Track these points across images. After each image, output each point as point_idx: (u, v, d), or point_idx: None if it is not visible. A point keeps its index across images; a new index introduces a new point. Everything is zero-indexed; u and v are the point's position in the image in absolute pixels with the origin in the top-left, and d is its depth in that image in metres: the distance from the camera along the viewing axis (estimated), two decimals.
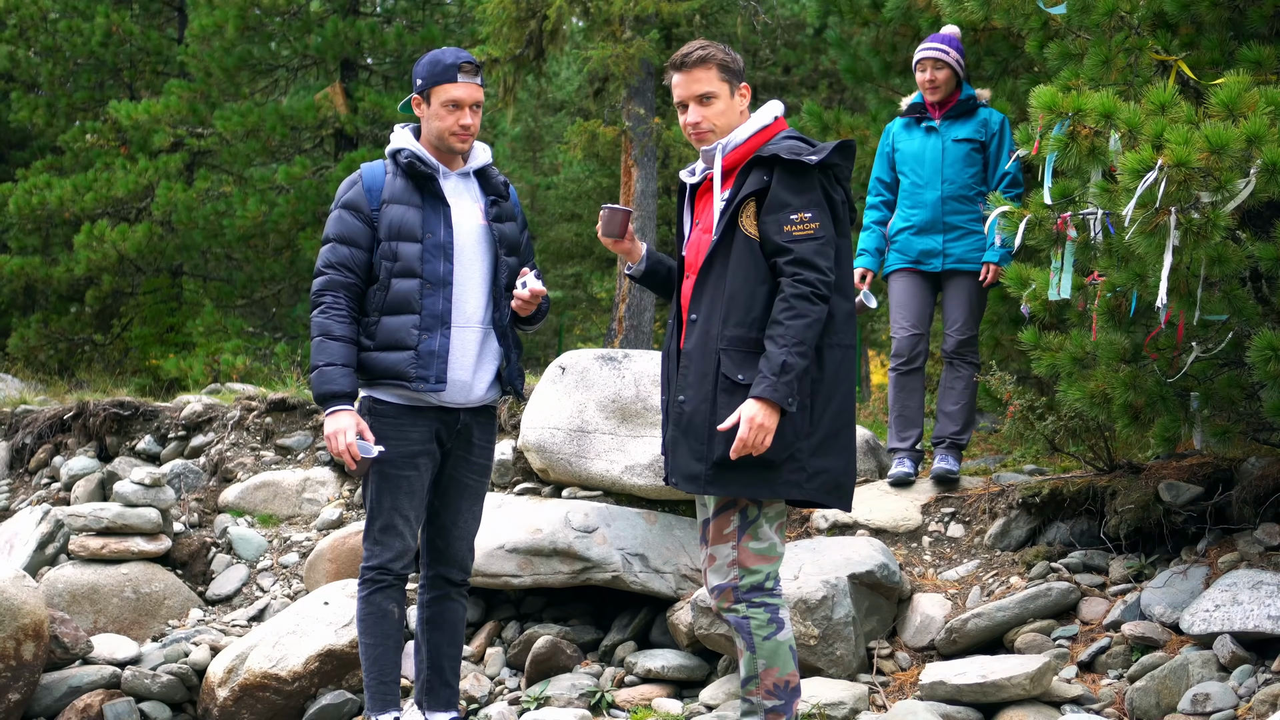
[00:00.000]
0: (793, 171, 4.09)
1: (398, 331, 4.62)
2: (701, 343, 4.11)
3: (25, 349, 16.88)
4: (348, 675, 6.16)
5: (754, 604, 4.12)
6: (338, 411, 4.52)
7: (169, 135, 16.10)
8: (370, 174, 4.75)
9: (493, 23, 13.11)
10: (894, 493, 6.69)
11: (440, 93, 4.68)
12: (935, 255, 6.68)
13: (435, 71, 4.68)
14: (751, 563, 4.13)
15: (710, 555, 4.18)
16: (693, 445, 4.08)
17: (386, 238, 4.64)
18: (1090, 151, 4.90)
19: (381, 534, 4.69)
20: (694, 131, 4.25)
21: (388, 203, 4.68)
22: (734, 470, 4.03)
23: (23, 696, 5.95)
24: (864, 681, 5.55)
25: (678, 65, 4.26)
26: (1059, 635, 5.47)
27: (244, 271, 17.51)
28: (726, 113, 4.22)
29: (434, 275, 4.66)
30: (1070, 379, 5.64)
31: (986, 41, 7.90)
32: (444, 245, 4.68)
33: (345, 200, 4.72)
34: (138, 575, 7.06)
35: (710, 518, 4.18)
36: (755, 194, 4.10)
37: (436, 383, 4.63)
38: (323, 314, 4.62)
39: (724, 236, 4.12)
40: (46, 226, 16.98)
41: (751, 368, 4.02)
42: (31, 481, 8.82)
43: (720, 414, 4.02)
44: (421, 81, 4.71)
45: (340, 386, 4.54)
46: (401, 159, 4.73)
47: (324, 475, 8.07)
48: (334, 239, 4.68)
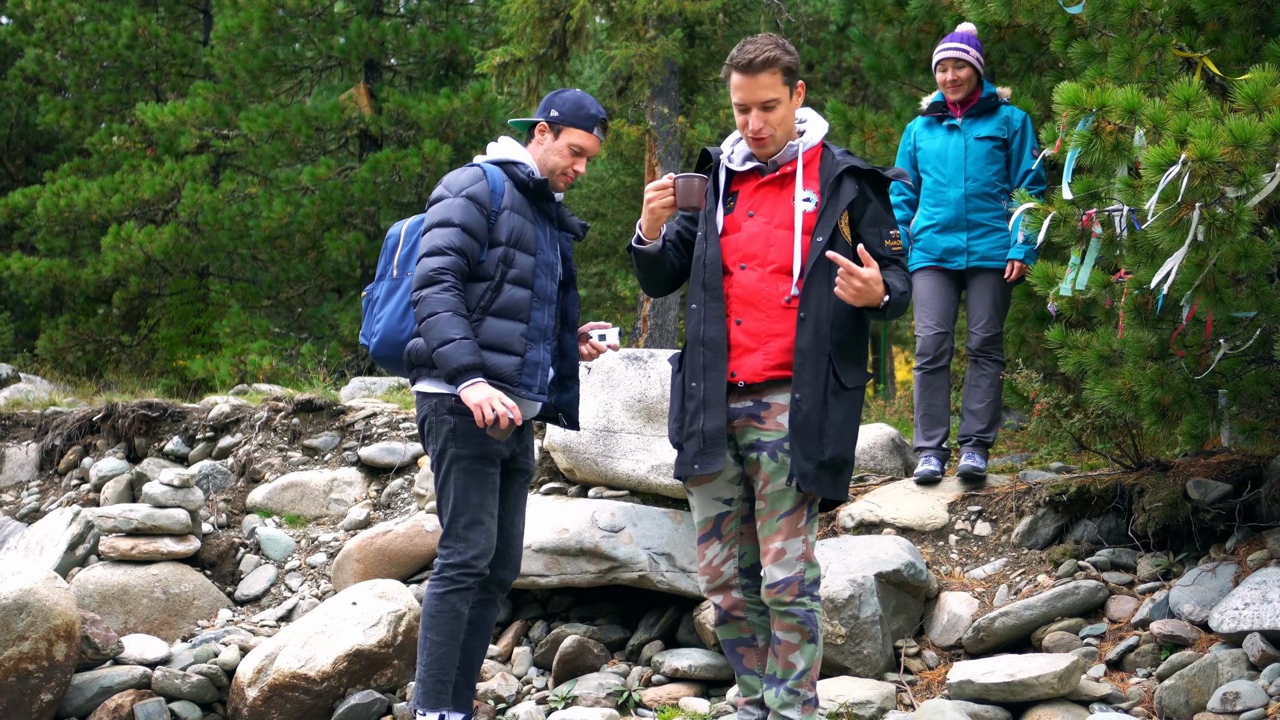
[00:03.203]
0: (884, 190, 4.35)
1: (505, 336, 4.68)
2: (814, 343, 4.21)
3: (53, 350, 16.98)
4: (376, 675, 6.19)
5: (815, 596, 4.28)
6: (477, 383, 4.53)
7: (195, 137, 16.17)
8: (493, 176, 4.78)
9: (516, 23, 13.13)
10: (920, 491, 6.68)
11: (572, 134, 4.80)
12: (959, 253, 6.67)
13: (578, 116, 4.79)
14: (812, 557, 4.28)
15: (780, 549, 4.23)
16: (805, 445, 4.19)
17: (507, 243, 4.71)
18: (1114, 147, 4.89)
19: (467, 530, 4.71)
20: (753, 137, 4.29)
21: (508, 209, 4.74)
22: (827, 470, 4.21)
23: (55, 697, 6.00)
24: (891, 680, 5.55)
25: (743, 67, 4.23)
26: (1087, 634, 5.46)
27: (269, 272, 17.57)
28: (787, 118, 4.29)
29: (543, 291, 4.80)
30: (1097, 376, 5.63)
31: (1011, 38, 7.88)
32: (551, 265, 4.83)
33: (472, 192, 4.73)
34: (167, 576, 7.10)
35: (786, 512, 4.24)
36: (851, 203, 4.26)
37: (539, 393, 4.76)
38: (446, 291, 4.59)
39: (827, 240, 4.22)
40: (74, 229, 17.07)
41: (854, 372, 4.26)
42: (61, 483, 8.88)
43: (831, 415, 4.20)
44: (558, 115, 4.80)
45: (476, 359, 4.54)
46: (522, 174, 4.80)
47: (351, 475, 8.11)
48: (460, 225, 4.67)
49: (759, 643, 4.48)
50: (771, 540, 4.26)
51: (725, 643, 4.54)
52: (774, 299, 4.27)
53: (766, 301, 4.27)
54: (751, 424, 4.29)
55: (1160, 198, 4.52)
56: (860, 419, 4.36)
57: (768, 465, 4.25)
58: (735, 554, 4.42)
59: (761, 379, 4.27)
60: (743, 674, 4.53)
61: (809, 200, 4.29)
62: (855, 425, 4.32)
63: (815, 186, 4.30)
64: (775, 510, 4.26)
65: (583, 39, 13.22)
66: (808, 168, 4.34)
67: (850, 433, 4.28)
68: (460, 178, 4.79)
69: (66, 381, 13.22)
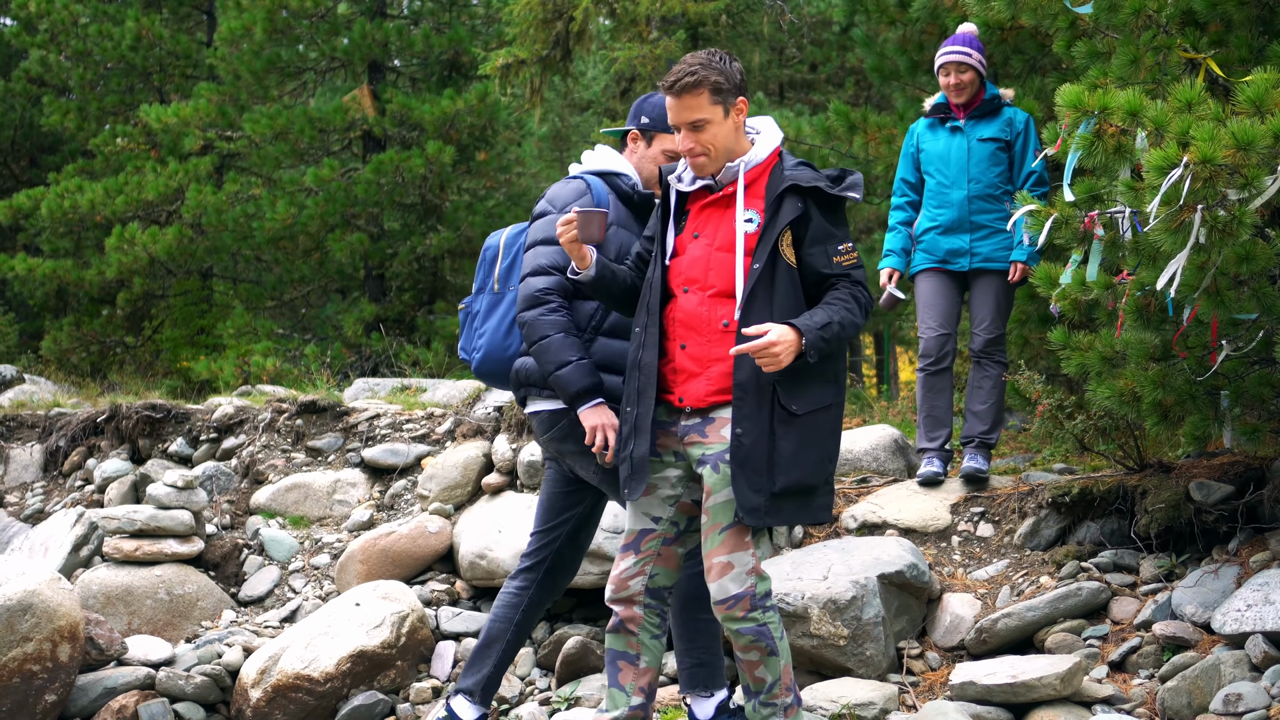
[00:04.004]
0: (832, 205, 4.19)
1: (618, 355, 4.58)
2: (754, 374, 4.09)
3: (57, 351, 17.00)
4: (379, 676, 6.21)
5: (768, 609, 4.20)
6: (598, 405, 4.46)
7: (199, 138, 16.19)
8: (598, 191, 4.68)
9: (519, 24, 13.13)
10: (923, 492, 6.69)
11: (665, 140, 4.69)
12: (962, 254, 6.68)
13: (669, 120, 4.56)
14: (761, 570, 4.21)
15: (727, 564, 4.14)
16: (751, 478, 4.08)
17: (615, 259, 4.56)
18: (1116, 149, 4.89)
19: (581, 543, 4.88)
20: (689, 156, 4.22)
21: (614, 225, 4.63)
22: (786, 499, 4.11)
23: (59, 698, 6.01)
24: (894, 681, 5.55)
25: (669, 88, 4.18)
26: (1089, 635, 5.46)
27: (273, 273, 17.59)
28: (722, 135, 4.19)
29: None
30: (1100, 378, 5.63)
31: (1014, 40, 7.87)
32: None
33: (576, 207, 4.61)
34: (171, 577, 7.12)
35: (729, 526, 4.15)
36: (792, 222, 4.14)
37: None
38: (554, 312, 4.51)
39: (766, 262, 4.13)
40: (78, 230, 17.10)
41: (805, 397, 4.13)
42: (65, 484, 8.90)
43: (780, 445, 4.09)
44: (649, 121, 4.71)
45: (594, 379, 4.47)
46: (625, 186, 4.72)
47: (354, 477, 8.12)
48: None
49: (641, 663, 4.39)
50: (715, 554, 4.16)
51: (609, 651, 4.43)
52: (714, 323, 4.18)
53: (707, 326, 4.19)
54: (697, 439, 4.23)
55: (1162, 200, 4.53)
56: (828, 438, 4.21)
57: (710, 478, 4.19)
58: (647, 572, 4.33)
59: (705, 404, 4.21)
60: (612, 686, 4.43)
61: (750, 221, 4.19)
62: (818, 449, 4.18)
63: (760, 205, 4.20)
64: (718, 523, 4.17)
65: (586, 40, 13.23)
66: (754, 185, 4.24)
67: (810, 457, 4.15)
68: (563, 192, 4.69)
69: (70, 383, 13.24)
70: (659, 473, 4.32)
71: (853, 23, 9.79)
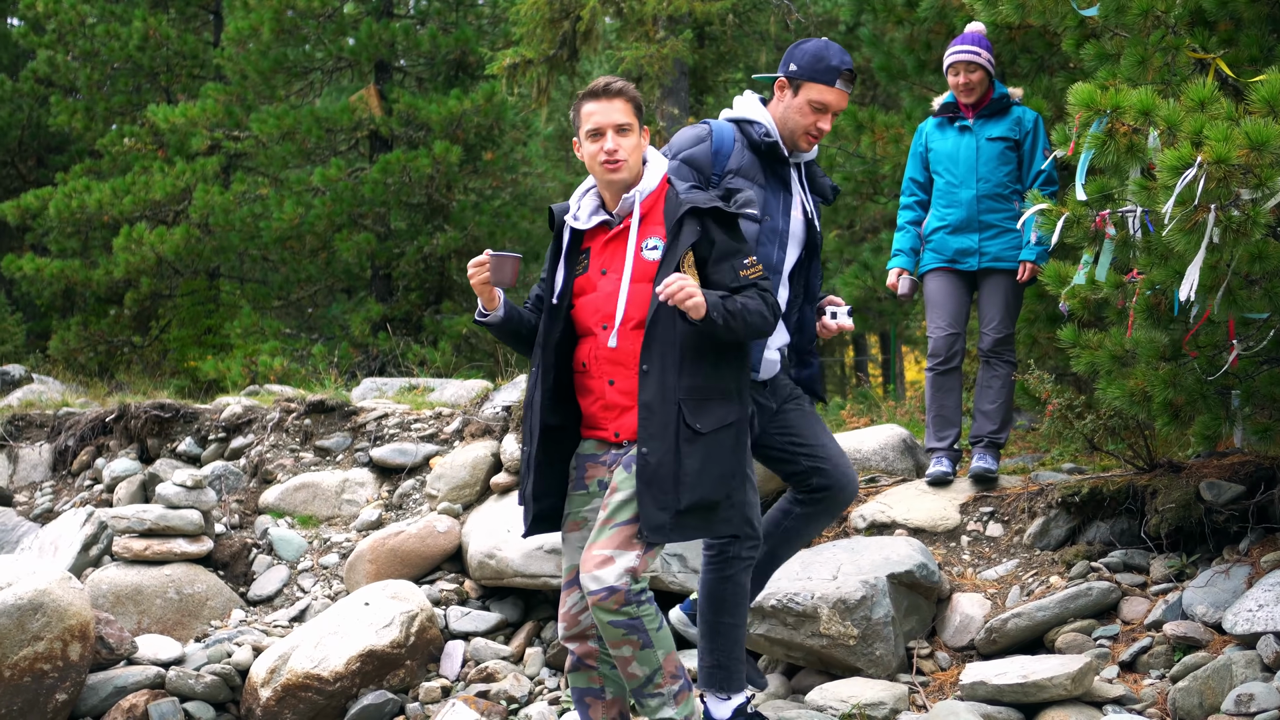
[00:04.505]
0: (730, 224, 4.23)
1: None
2: (659, 394, 4.11)
3: (65, 351, 17.04)
4: (388, 675, 6.21)
5: (641, 602, 4.12)
6: None
7: (206, 138, 16.22)
8: (720, 136, 4.54)
9: (526, 24, 13.14)
10: (932, 492, 6.68)
11: (812, 90, 4.52)
12: (971, 254, 6.67)
13: (816, 68, 4.51)
14: (640, 574, 4.13)
15: (608, 557, 4.09)
16: (658, 496, 4.09)
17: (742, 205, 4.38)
18: (1129, 149, 4.88)
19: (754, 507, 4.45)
20: (607, 159, 4.20)
21: (734, 173, 4.49)
22: (690, 515, 4.12)
23: (70, 697, 6.02)
24: (904, 681, 5.55)
25: (596, 94, 4.22)
26: (1100, 635, 5.46)
27: (280, 273, 17.61)
28: (637, 149, 4.23)
29: (766, 260, 4.50)
30: (1109, 377, 5.62)
31: (1022, 39, 7.88)
32: (780, 233, 4.53)
33: (690, 155, 4.53)
34: (180, 576, 7.12)
35: (623, 522, 4.13)
36: (694, 244, 4.17)
37: (752, 370, 4.50)
38: None
39: None
40: (85, 230, 17.13)
41: (709, 415, 4.16)
42: (74, 483, 8.91)
43: (685, 464, 4.10)
44: (796, 69, 4.52)
45: None
46: (756, 133, 4.55)
47: (363, 476, 8.12)
48: None
49: (607, 694, 4.38)
50: (600, 547, 4.12)
51: (574, 690, 4.42)
52: (639, 356, 4.17)
53: (632, 359, 4.18)
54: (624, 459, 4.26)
55: (1177, 200, 4.52)
56: (730, 454, 4.20)
57: (618, 475, 4.20)
58: None
59: None
60: None
61: (655, 248, 4.20)
62: (722, 465, 4.18)
63: (662, 231, 4.22)
64: (611, 519, 4.14)
65: (593, 40, 13.23)
66: (650, 214, 4.26)
67: (714, 474, 4.15)
68: (683, 137, 4.58)
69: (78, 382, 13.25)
70: (588, 505, 4.32)
71: (860, 22, 9.78)
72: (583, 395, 4.33)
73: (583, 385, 4.32)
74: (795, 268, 4.67)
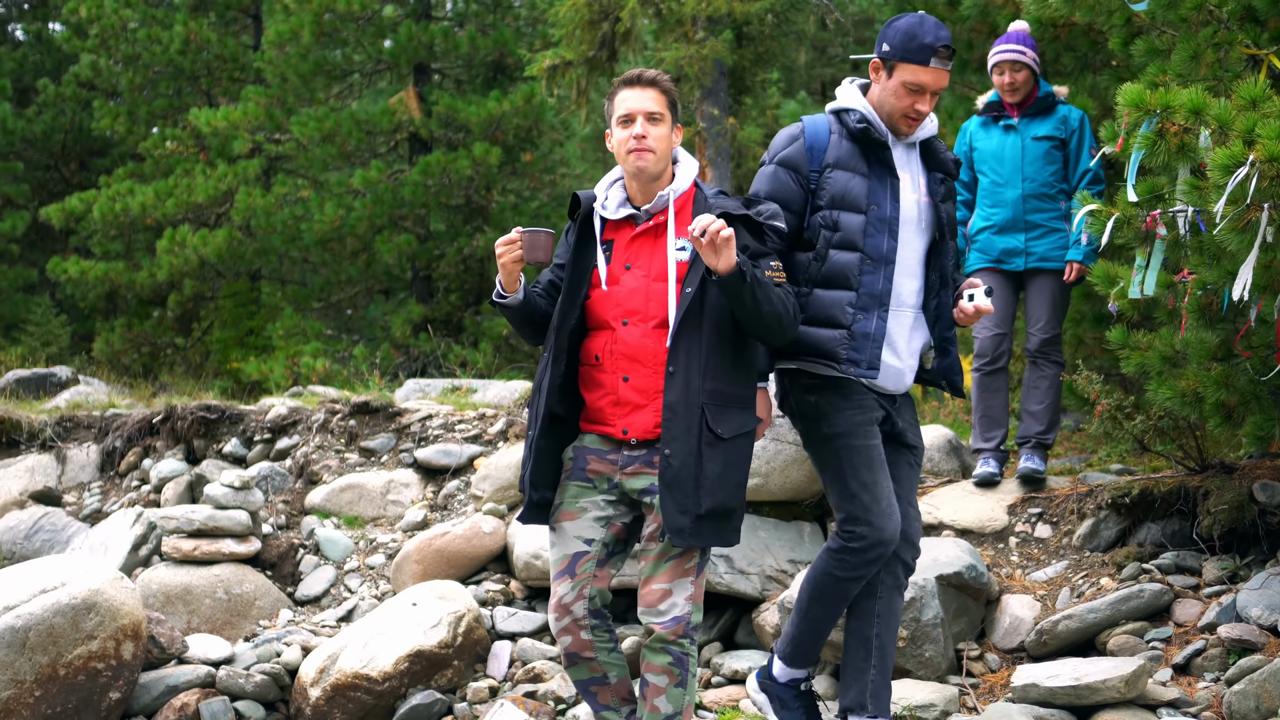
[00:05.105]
0: (758, 232, 4.21)
1: (831, 307, 4.31)
2: (684, 396, 4.11)
3: (110, 353, 17.21)
4: (436, 675, 6.24)
5: (693, 639, 4.22)
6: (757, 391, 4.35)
7: (247, 141, 16.34)
8: (814, 131, 4.39)
9: (565, 25, 13.15)
10: (979, 493, 6.66)
11: (905, 71, 4.30)
12: (1017, 254, 6.64)
13: (909, 48, 4.28)
14: (699, 599, 4.22)
15: (667, 590, 4.17)
16: (679, 499, 4.10)
17: (829, 205, 4.32)
18: (1179, 148, 4.85)
19: (867, 513, 4.25)
20: (637, 146, 4.19)
21: (832, 167, 4.34)
22: (708, 520, 4.13)
23: (123, 695, 6.08)
24: (953, 683, 5.53)
25: (631, 81, 4.23)
26: (1152, 637, 5.42)
27: (321, 275, 17.72)
28: (666, 141, 4.23)
29: (876, 251, 4.33)
30: (1160, 378, 5.59)
31: (1066, 37, 7.82)
32: (889, 220, 4.34)
33: (784, 157, 4.39)
34: (229, 576, 7.17)
35: (675, 555, 4.18)
36: None
37: (868, 368, 4.32)
38: None
39: (698, 288, 4.14)
40: (129, 233, 17.30)
41: (730, 421, 4.16)
42: (122, 484, 8.98)
43: (706, 468, 4.10)
44: (889, 49, 4.31)
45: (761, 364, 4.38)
46: (851, 121, 4.37)
47: (408, 477, 8.16)
48: (765, 197, 4.36)
49: (611, 679, 4.38)
50: (656, 580, 4.19)
51: (578, 683, 4.40)
52: (659, 355, 4.17)
53: (651, 358, 4.19)
54: (644, 469, 4.23)
55: (1229, 199, 4.49)
56: (745, 462, 4.23)
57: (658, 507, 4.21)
58: (586, 595, 4.28)
59: (654, 435, 4.20)
60: (600, 711, 4.42)
61: (684, 249, 4.21)
62: (739, 472, 4.19)
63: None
64: (665, 553, 4.19)
65: (632, 41, 13.23)
66: (681, 213, 4.25)
67: (733, 481, 4.16)
68: (779, 140, 4.45)
69: (123, 384, 13.37)
70: (588, 496, 4.31)
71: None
72: (590, 388, 4.30)
73: (592, 378, 4.29)
74: (928, 253, 4.47)
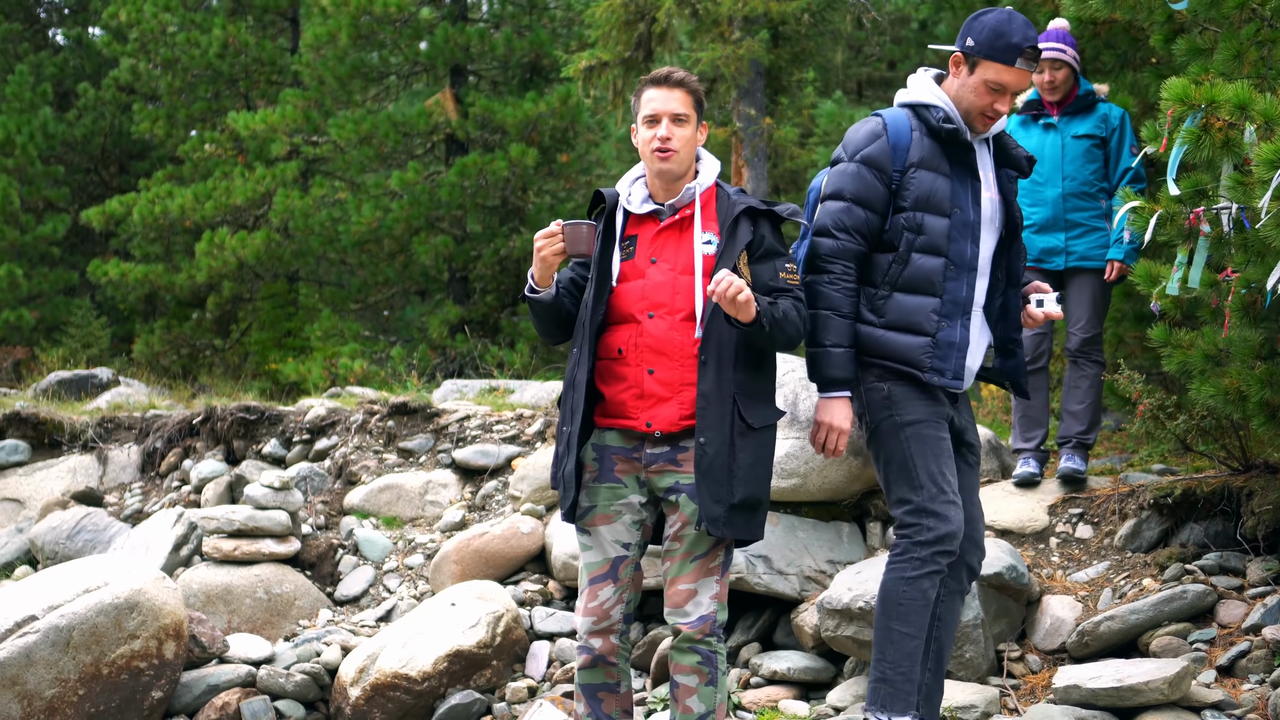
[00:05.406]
0: (779, 229, 4.24)
1: (914, 314, 4.20)
2: (716, 386, 4.11)
3: (149, 354, 17.34)
4: (475, 675, 6.25)
5: (720, 636, 4.22)
6: (838, 399, 4.21)
7: (285, 143, 16.43)
8: (896, 128, 4.23)
9: (601, 26, 13.15)
10: (1019, 493, 6.62)
11: (989, 69, 4.17)
12: (1057, 253, 6.60)
13: (995, 46, 4.14)
14: (724, 598, 4.23)
15: (693, 590, 4.17)
16: (713, 489, 4.09)
17: (913, 206, 4.19)
18: (1224, 144, 4.81)
19: (933, 502, 4.14)
20: (660, 146, 4.20)
21: (916, 166, 4.19)
22: (739, 511, 4.13)
23: (165, 694, 6.12)
24: (994, 684, 5.50)
25: (658, 81, 4.23)
26: (1195, 639, 5.38)
27: (358, 276, 17.80)
28: (690, 142, 4.24)
29: (960, 257, 4.22)
30: (1203, 376, 5.54)
31: (1106, 35, 7.77)
32: (972, 225, 4.22)
33: (868, 154, 4.23)
34: (269, 576, 7.21)
35: (701, 555, 4.18)
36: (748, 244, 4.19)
37: (954, 378, 4.24)
38: (831, 285, 4.19)
39: None
40: (168, 235, 17.43)
41: (758, 412, 4.17)
42: (162, 484, 9.05)
43: (739, 457, 4.11)
44: (974, 44, 4.17)
45: (846, 372, 4.18)
46: (935, 119, 4.22)
47: (446, 478, 8.18)
48: (850, 199, 4.21)
49: (621, 688, 4.37)
50: (682, 580, 4.19)
51: (586, 687, 4.35)
52: (686, 347, 4.17)
53: (678, 350, 4.18)
54: (669, 468, 4.22)
55: (1274, 195, 4.45)
56: (771, 455, 4.24)
57: (686, 506, 4.18)
58: (625, 599, 4.27)
59: (678, 428, 4.19)
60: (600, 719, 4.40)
61: (710, 243, 4.21)
62: (767, 465, 4.20)
63: (715, 228, 4.23)
64: (691, 552, 4.19)
65: (668, 41, 13.22)
66: (705, 209, 4.27)
67: (762, 473, 4.17)
68: (857, 135, 4.28)
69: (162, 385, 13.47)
70: (623, 499, 4.28)
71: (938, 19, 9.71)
72: (612, 382, 4.26)
73: (614, 372, 4.26)
74: (996, 252, 4.36)
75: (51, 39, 22.98)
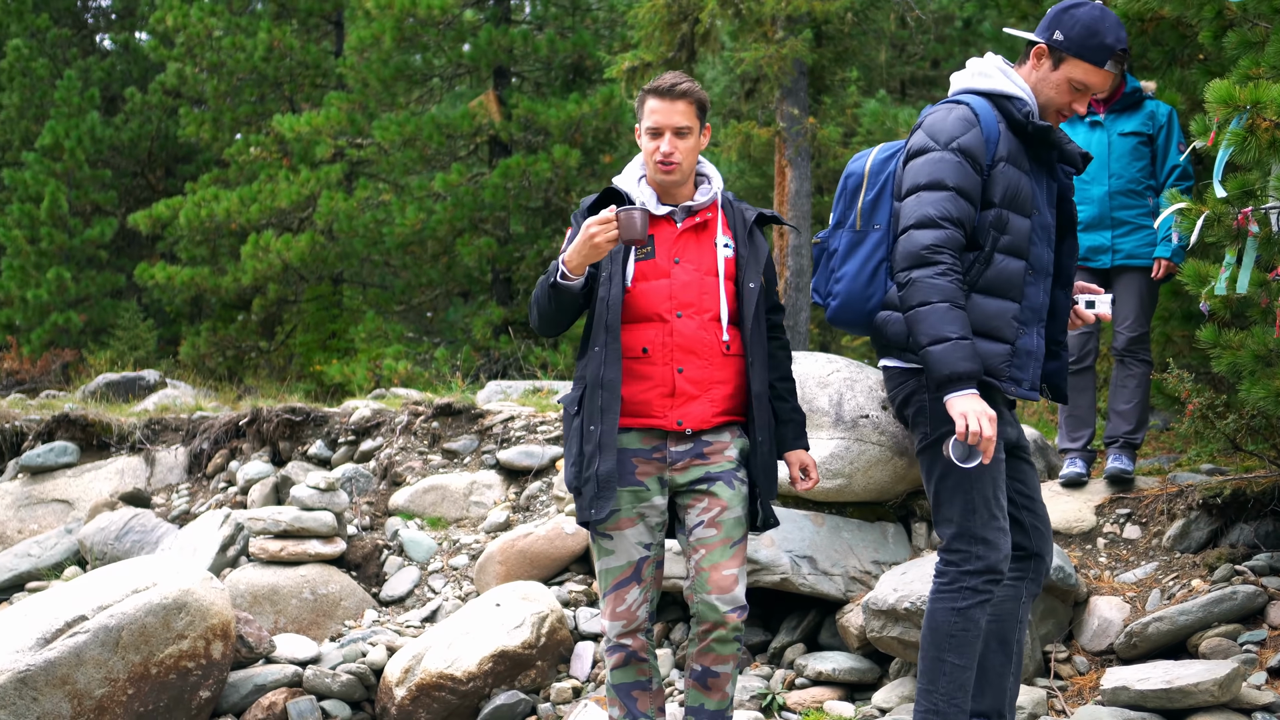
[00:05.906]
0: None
1: (995, 318, 3.98)
2: (761, 385, 4.30)
3: (195, 356, 17.50)
4: (520, 676, 6.27)
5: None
6: (970, 394, 3.84)
7: (329, 146, 16.54)
8: (987, 119, 3.99)
9: (644, 27, 13.17)
10: (1066, 494, 6.57)
11: (1076, 68, 4.00)
12: (1104, 251, 6.55)
13: (1088, 44, 3.96)
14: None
15: (734, 576, 4.25)
16: (766, 485, 4.32)
17: (1001, 203, 3.96)
18: (1271, 144, 4.75)
19: (985, 529, 4.00)
20: (662, 161, 4.24)
21: (1004, 161, 3.97)
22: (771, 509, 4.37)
23: (212, 694, 6.17)
24: (1041, 686, 5.46)
25: (660, 92, 4.24)
26: (1246, 640, 5.32)
27: (402, 278, 17.89)
28: (693, 151, 4.29)
29: (1039, 262, 4.05)
30: (1253, 377, 5.49)
31: (1154, 31, 7.70)
32: (1048, 228, 4.07)
33: (964, 144, 3.97)
34: (314, 577, 7.26)
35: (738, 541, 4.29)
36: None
37: (1030, 389, 4.07)
38: (943, 275, 3.88)
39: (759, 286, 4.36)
40: (214, 238, 17.59)
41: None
42: (209, 485, 9.13)
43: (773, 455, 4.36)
44: (1063, 39, 3.97)
45: (975, 365, 3.84)
46: (1019, 113, 4.01)
47: (490, 479, 8.21)
48: (954, 188, 3.94)
49: (653, 685, 4.39)
50: (724, 567, 4.25)
51: (620, 686, 4.35)
52: (715, 346, 4.24)
53: (708, 349, 4.23)
54: (695, 463, 4.26)
55: None
56: None
57: (724, 492, 4.25)
58: (649, 599, 4.32)
59: (710, 425, 4.25)
60: (638, 718, 4.39)
61: (728, 246, 4.32)
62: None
63: (730, 233, 4.34)
64: (729, 538, 4.27)
65: (711, 41, 13.22)
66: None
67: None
68: (948, 123, 4.00)
69: (208, 386, 13.60)
70: (646, 501, 4.29)
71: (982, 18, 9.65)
72: (636, 380, 4.24)
73: (638, 371, 4.24)
74: None
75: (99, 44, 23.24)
